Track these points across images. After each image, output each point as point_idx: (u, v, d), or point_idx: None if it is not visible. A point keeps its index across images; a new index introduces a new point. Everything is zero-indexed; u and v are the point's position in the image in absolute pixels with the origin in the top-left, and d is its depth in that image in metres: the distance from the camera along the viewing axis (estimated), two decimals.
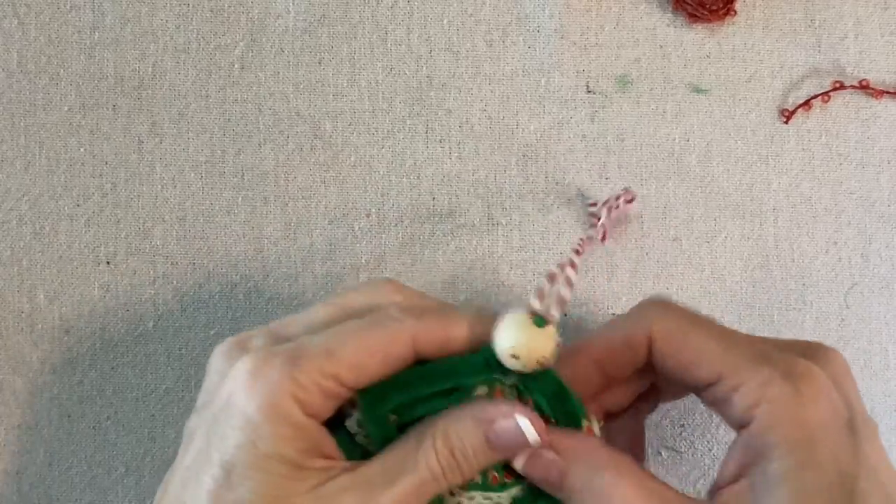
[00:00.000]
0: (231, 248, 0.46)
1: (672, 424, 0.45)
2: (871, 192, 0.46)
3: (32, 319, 0.46)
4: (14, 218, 0.46)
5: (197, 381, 0.45)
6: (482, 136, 0.46)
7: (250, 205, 0.46)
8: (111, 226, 0.46)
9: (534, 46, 0.46)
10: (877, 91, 0.46)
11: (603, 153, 0.46)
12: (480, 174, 0.46)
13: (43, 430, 0.45)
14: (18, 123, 0.46)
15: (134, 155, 0.46)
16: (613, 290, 0.45)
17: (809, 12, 0.46)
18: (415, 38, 0.46)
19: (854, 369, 0.45)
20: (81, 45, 0.46)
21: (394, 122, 0.46)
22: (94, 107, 0.46)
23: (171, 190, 0.46)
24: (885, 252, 0.45)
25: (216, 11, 0.46)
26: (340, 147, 0.46)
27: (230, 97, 0.46)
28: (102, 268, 0.46)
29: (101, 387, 0.45)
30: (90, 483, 0.45)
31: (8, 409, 0.45)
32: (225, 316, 0.46)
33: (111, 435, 0.45)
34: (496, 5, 0.46)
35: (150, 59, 0.46)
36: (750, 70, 0.46)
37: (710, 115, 0.46)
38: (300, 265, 0.46)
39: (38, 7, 0.46)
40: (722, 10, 0.45)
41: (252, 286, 0.46)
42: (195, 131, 0.46)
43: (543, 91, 0.46)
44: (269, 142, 0.46)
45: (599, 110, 0.46)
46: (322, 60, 0.46)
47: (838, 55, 0.46)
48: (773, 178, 0.46)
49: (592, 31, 0.46)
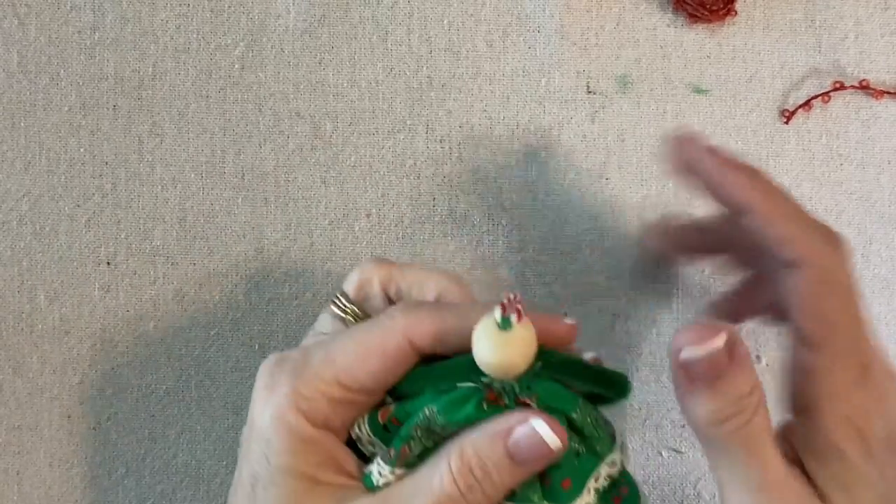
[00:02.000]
0: (231, 248, 0.46)
1: (673, 425, 0.45)
2: (871, 193, 0.46)
3: (32, 319, 0.46)
4: (14, 218, 0.46)
5: (197, 381, 0.45)
6: (482, 136, 0.46)
7: (250, 205, 0.46)
8: (111, 226, 0.46)
9: (534, 47, 0.46)
10: (877, 91, 0.46)
11: (603, 153, 0.46)
12: (480, 174, 0.46)
13: (43, 430, 0.45)
14: (18, 123, 0.46)
15: (134, 155, 0.46)
16: (614, 289, 0.45)
17: (809, 12, 0.46)
18: (415, 38, 0.46)
19: None
20: (82, 46, 0.46)
21: (394, 122, 0.46)
22: (95, 107, 0.46)
23: (171, 190, 0.46)
24: (885, 252, 0.45)
25: (216, 11, 0.46)
26: (340, 147, 0.46)
27: (230, 97, 0.46)
28: (102, 268, 0.46)
29: (101, 387, 0.45)
30: (90, 483, 0.45)
31: (8, 410, 0.45)
32: (225, 316, 0.46)
33: (111, 435, 0.45)
34: (496, 5, 0.46)
35: (151, 59, 0.46)
36: (750, 70, 0.46)
37: (711, 116, 0.46)
38: (300, 265, 0.46)
39: (38, 7, 0.46)
40: (722, 11, 0.45)
41: (252, 286, 0.46)
42: (195, 131, 0.46)
43: (544, 91, 0.46)
44: (269, 142, 0.46)
45: (600, 110, 0.46)
46: (322, 60, 0.46)
47: (838, 55, 0.46)
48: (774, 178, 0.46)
49: (593, 31, 0.46)
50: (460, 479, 0.32)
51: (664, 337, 0.45)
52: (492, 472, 0.32)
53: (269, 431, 0.33)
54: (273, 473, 0.33)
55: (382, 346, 0.34)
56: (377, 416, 0.35)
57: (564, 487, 0.33)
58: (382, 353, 0.34)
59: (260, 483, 0.33)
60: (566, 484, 0.33)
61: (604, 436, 0.35)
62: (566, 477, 0.33)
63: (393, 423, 0.34)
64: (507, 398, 0.33)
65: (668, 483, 0.45)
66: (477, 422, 0.32)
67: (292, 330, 0.45)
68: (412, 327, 0.34)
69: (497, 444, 0.32)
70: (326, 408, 0.33)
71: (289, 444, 0.33)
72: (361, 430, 0.35)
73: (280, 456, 0.33)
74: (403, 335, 0.34)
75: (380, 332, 0.34)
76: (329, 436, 0.34)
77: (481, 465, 0.32)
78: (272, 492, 0.32)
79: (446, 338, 0.34)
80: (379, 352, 0.34)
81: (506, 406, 0.32)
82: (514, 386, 0.32)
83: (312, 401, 0.33)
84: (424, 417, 0.33)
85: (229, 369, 0.45)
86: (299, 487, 0.32)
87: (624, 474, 0.35)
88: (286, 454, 0.33)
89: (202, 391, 0.45)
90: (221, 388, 0.45)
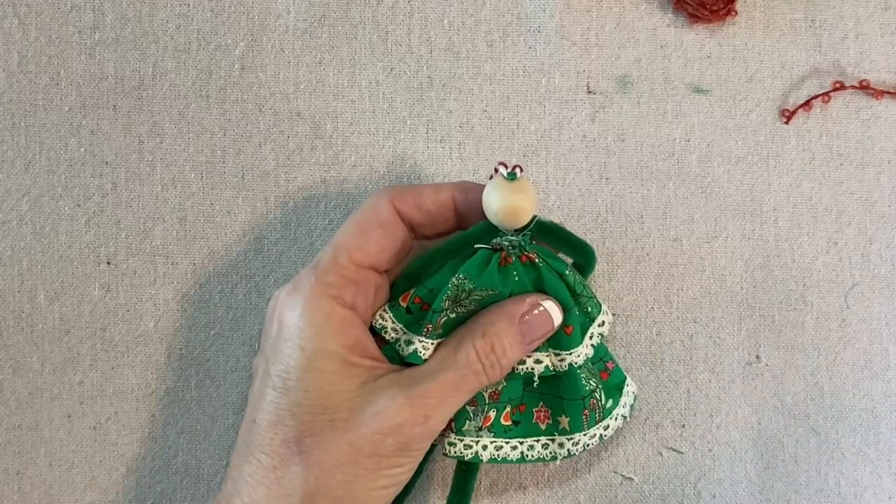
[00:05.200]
0: (231, 248, 0.46)
1: (673, 425, 0.45)
2: (871, 192, 0.46)
3: (32, 319, 0.46)
4: (14, 218, 0.46)
5: (197, 381, 0.45)
6: (482, 136, 0.46)
7: (250, 205, 0.46)
8: (111, 226, 0.46)
9: (534, 47, 0.46)
10: (877, 91, 0.46)
11: (603, 153, 0.46)
12: (480, 174, 0.46)
13: (43, 430, 0.45)
14: (19, 123, 0.46)
15: (134, 155, 0.46)
16: (614, 289, 0.45)
17: (809, 12, 0.46)
18: (415, 38, 0.46)
19: (854, 369, 0.45)
20: (82, 46, 0.46)
21: (394, 122, 0.46)
22: (95, 107, 0.46)
23: (171, 190, 0.46)
24: (885, 252, 0.45)
25: (216, 11, 0.46)
26: (340, 147, 0.46)
27: (230, 97, 0.46)
28: (102, 268, 0.46)
29: (101, 387, 0.45)
30: (90, 483, 0.45)
31: (8, 409, 0.45)
32: (225, 316, 0.46)
33: (112, 435, 0.45)
34: (497, 6, 0.46)
35: (151, 59, 0.46)
36: (750, 70, 0.46)
37: (711, 116, 0.46)
38: (300, 265, 0.46)
39: (39, 7, 0.46)
40: (723, 11, 0.45)
41: (252, 286, 0.46)
42: (195, 131, 0.46)
43: (544, 91, 0.46)
44: (269, 142, 0.46)
45: (600, 110, 0.46)
46: (322, 60, 0.46)
47: (838, 55, 0.46)
48: (774, 178, 0.46)
49: (593, 31, 0.46)
50: (483, 357, 0.38)
51: (664, 337, 0.45)
52: (507, 349, 0.38)
53: (302, 321, 0.36)
54: (308, 359, 0.36)
55: (377, 216, 0.39)
56: (398, 302, 0.40)
57: (568, 332, 0.39)
58: (378, 222, 0.39)
59: (293, 374, 0.36)
60: (569, 330, 0.39)
61: (592, 297, 0.41)
62: (569, 324, 0.39)
63: (415, 303, 0.40)
64: (514, 256, 0.39)
65: (668, 483, 0.45)
66: (497, 285, 0.38)
67: None
68: (396, 196, 0.39)
69: (513, 325, 0.38)
70: (350, 289, 0.37)
71: (323, 328, 0.36)
72: (385, 319, 0.40)
73: (314, 340, 0.36)
74: (389, 202, 0.39)
75: (369, 206, 0.39)
76: (356, 318, 0.38)
77: (500, 343, 0.38)
78: (308, 377, 0.36)
79: (424, 204, 0.39)
80: (375, 222, 0.39)
81: (512, 265, 0.39)
82: (520, 243, 0.39)
83: (337, 286, 0.37)
84: (453, 286, 0.38)
85: (229, 369, 0.45)
86: (334, 368, 0.36)
87: (607, 351, 0.42)
88: (322, 338, 0.36)
89: (202, 391, 0.45)
90: (221, 388, 0.45)
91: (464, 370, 0.37)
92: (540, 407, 0.40)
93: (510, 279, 0.39)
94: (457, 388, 0.37)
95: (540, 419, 0.40)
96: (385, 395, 0.36)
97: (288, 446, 0.36)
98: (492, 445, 0.40)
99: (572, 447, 0.40)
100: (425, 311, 0.39)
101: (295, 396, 0.36)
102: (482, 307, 0.39)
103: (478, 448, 0.39)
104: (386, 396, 0.36)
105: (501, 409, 0.40)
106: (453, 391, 0.37)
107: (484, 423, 0.39)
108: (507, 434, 0.40)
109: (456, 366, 0.37)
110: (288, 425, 0.36)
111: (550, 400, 0.40)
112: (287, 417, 0.36)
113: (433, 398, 0.37)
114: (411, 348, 0.39)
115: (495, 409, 0.40)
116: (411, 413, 0.36)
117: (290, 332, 0.37)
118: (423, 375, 0.37)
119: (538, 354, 0.40)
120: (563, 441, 0.40)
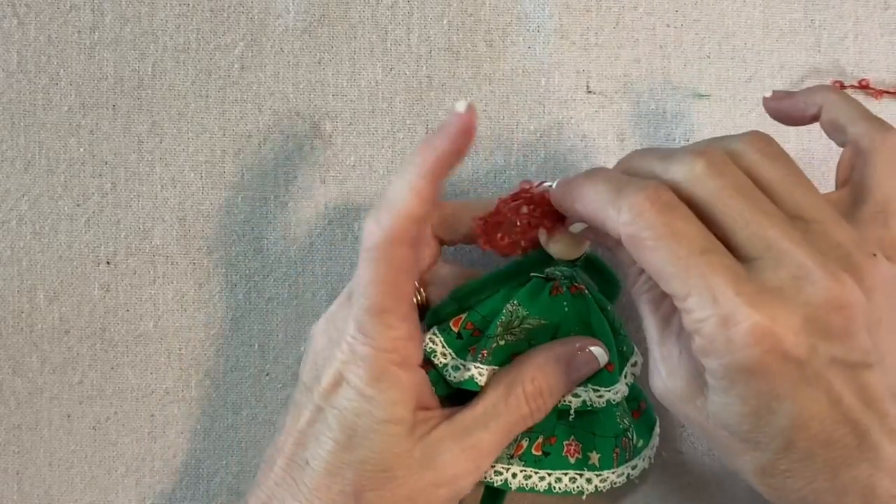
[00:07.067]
0: (231, 248, 0.46)
1: (673, 425, 0.45)
2: None
3: (32, 319, 0.46)
4: (14, 218, 0.46)
5: (197, 381, 0.45)
6: (482, 136, 0.46)
7: (250, 205, 0.46)
8: (111, 226, 0.46)
9: (534, 46, 0.46)
10: (877, 91, 0.46)
11: (603, 153, 0.46)
12: (480, 174, 0.46)
13: (43, 430, 0.45)
14: (18, 123, 0.46)
15: (134, 155, 0.46)
16: None
17: (809, 12, 0.46)
18: (415, 37, 0.46)
19: None
20: (81, 45, 0.46)
21: (394, 122, 0.46)
22: (94, 107, 0.46)
23: (171, 190, 0.46)
24: None
25: (216, 11, 0.46)
26: (340, 147, 0.46)
27: (230, 97, 0.46)
28: (102, 268, 0.46)
29: (101, 387, 0.45)
30: (90, 483, 0.45)
31: (7, 409, 0.45)
32: (225, 316, 0.46)
33: (111, 435, 0.45)
34: (496, 5, 0.46)
35: (150, 59, 0.46)
36: (750, 70, 0.46)
37: (710, 116, 0.46)
38: (300, 265, 0.46)
39: (38, 7, 0.46)
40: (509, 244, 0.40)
41: (252, 286, 0.46)
42: (195, 131, 0.46)
43: (543, 91, 0.46)
44: (269, 142, 0.46)
45: (600, 110, 0.46)
46: (322, 60, 0.46)
47: (838, 55, 0.46)
48: None
49: (592, 31, 0.46)
50: (532, 402, 0.38)
51: None
52: (554, 392, 0.39)
53: (370, 391, 0.36)
54: (378, 424, 0.36)
55: (401, 265, 0.35)
56: (450, 326, 0.41)
57: (609, 370, 0.40)
58: (405, 269, 0.35)
59: (359, 434, 0.36)
60: (611, 368, 0.40)
61: (627, 337, 0.42)
62: (611, 362, 0.40)
63: (467, 329, 0.40)
64: (564, 286, 0.40)
65: (668, 483, 0.45)
66: (548, 314, 0.39)
67: (292, 330, 0.46)
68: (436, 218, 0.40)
69: (560, 369, 0.39)
70: (401, 347, 0.37)
71: (392, 397, 0.36)
72: (436, 343, 0.40)
73: (385, 410, 0.36)
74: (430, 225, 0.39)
75: (389, 256, 0.35)
76: (418, 373, 0.38)
77: (549, 388, 0.38)
78: (376, 439, 0.36)
79: (451, 221, 0.40)
80: (403, 272, 0.35)
81: (563, 294, 0.40)
82: (572, 273, 0.40)
83: (397, 350, 0.36)
84: (507, 312, 0.39)
85: (229, 369, 0.45)
86: (400, 431, 0.36)
87: (640, 391, 0.42)
88: (390, 406, 0.36)
89: (202, 391, 0.45)
90: (221, 388, 0.45)
91: (514, 416, 0.38)
92: (571, 440, 0.40)
93: (560, 309, 0.40)
94: (507, 436, 0.38)
95: (570, 453, 0.40)
96: (440, 448, 0.37)
97: (346, 498, 0.36)
98: (521, 474, 0.40)
99: (600, 483, 0.40)
100: (476, 336, 0.40)
101: (359, 454, 0.36)
102: (530, 337, 0.40)
103: (507, 475, 0.40)
104: (442, 450, 0.37)
105: (533, 440, 0.40)
106: (504, 438, 0.38)
107: (516, 451, 0.40)
108: (537, 465, 0.40)
109: (507, 413, 0.38)
110: (347, 478, 0.36)
111: (582, 435, 0.40)
112: (346, 470, 0.36)
113: (485, 448, 0.38)
114: (467, 374, 0.39)
115: (528, 438, 0.40)
116: (465, 465, 0.37)
117: (354, 395, 0.36)
118: (475, 424, 0.38)
119: (576, 388, 0.40)
120: (591, 477, 0.40)
